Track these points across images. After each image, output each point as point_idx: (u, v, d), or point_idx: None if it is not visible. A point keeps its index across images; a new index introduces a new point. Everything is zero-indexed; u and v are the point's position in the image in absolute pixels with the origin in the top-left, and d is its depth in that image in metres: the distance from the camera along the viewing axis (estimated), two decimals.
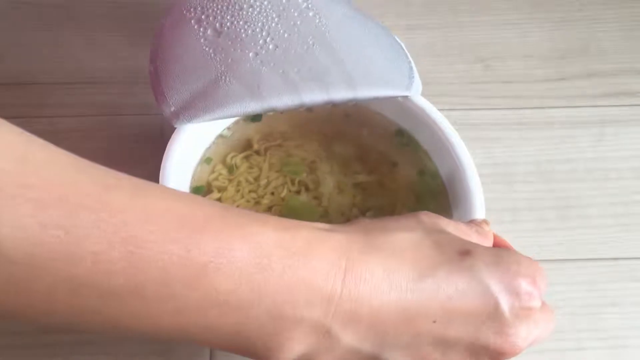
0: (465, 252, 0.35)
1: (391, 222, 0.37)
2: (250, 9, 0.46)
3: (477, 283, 0.34)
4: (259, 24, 0.45)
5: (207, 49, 0.45)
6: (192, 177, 0.49)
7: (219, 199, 0.48)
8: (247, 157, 0.50)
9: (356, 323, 0.33)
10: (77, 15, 0.64)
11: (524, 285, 0.35)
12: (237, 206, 0.48)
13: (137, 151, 0.55)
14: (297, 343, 0.33)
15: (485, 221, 0.43)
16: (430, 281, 0.34)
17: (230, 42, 0.45)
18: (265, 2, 0.46)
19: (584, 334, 0.49)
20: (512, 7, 0.66)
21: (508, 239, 0.50)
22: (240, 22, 0.46)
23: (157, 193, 0.32)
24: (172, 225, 0.31)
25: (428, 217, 0.38)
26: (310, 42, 0.46)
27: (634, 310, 0.50)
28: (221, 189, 0.48)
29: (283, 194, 0.48)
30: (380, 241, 0.35)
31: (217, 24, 0.46)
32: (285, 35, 0.46)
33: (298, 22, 0.46)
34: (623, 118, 0.59)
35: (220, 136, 0.50)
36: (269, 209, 0.48)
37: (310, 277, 0.32)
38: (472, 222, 0.42)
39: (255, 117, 0.51)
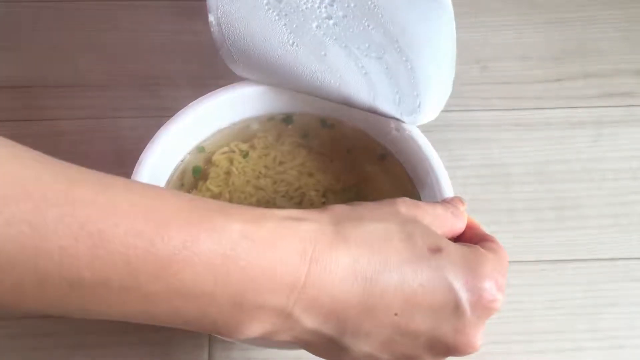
0: (435, 249, 0.36)
1: (366, 211, 0.37)
2: None
3: (442, 281, 0.35)
4: (317, 2, 0.47)
5: (270, 11, 0.47)
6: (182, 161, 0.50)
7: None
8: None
9: (317, 309, 0.34)
10: (75, 17, 0.64)
11: (488, 287, 0.36)
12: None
13: (137, 153, 0.55)
14: (258, 323, 0.34)
15: (459, 199, 0.43)
16: (395, 275, 0.35)
17: (292, 10, 0.47)
18: None
19: (582, 334, 0.50)
20: (509, 9, 0.66)
21: (506, 239, 0.50)
22: None
23: (121, 187, 0.33)
24: (137, 219, 0.31)
25: (406, 207, 0.38)
26: (366, 24, 0.47)
27: (632, 311, 0.51)
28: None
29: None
30: (350, 232, 0.35)
31: None
32: (341, 14, 0.47)
33: (352, 5, 0.47)
34: (620, 119, 0.59)
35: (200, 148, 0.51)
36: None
37: (274, 267, 0.33)
38: (447, 203, 0.42)
39: (287, 119, 0.52)
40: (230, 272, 0.32)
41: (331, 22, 0.47)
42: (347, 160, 0.50)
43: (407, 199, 0.39)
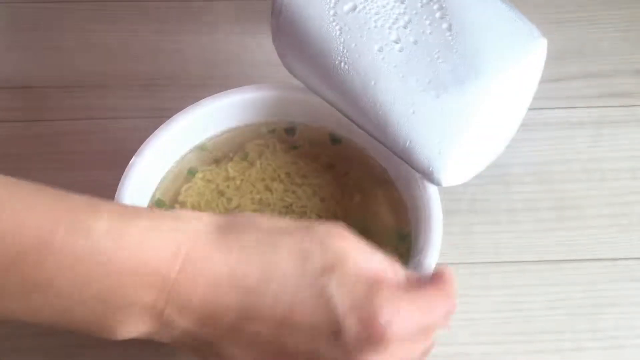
0: (328, 268, 0.33)
1: (271, 222, 0.36)
2: (385, 1, 0.44)
3: (324, 303, 0.33)
4: (390, 21, 0.44)
5: (334, 24, 0.44)
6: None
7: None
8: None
9: (190, 311, 0.34)
10: (75, 17, 0.64)
11: (382, 319, 0.32)
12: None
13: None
14: (132, 324, 0.34)
15: (449, 275, 0.36)
16: (275, 288, 0.33)
17: (358, 26, 0.44)
18: (400, 1, 0.44)
19: (582, 335, 0.49)
20: None
21: (506, 239, 0.51)
22: (372, 12, 0.44)
23: (25, 189, 0.33)
24: (2, 212, 0.31)
25: (327, 234, 0.35)
26: (436, 56, 0.43)
27: (633, 311, 0.50)
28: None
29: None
30: (235, 238, 0.34)
31: (352, 2, 0.44)
32: (412, 39, 0.43)
33: (428, 32, 0.44)
34: (620, 119, 0.59)
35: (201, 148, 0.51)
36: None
37: (139, 264, 0.33)
38: (438, 284, 0.35)
39: (336, 140, 0.51)
40: (92, 268, 0.32)
41: (397, 46, 0.43)
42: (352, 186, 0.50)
43: (340, 230, 0.36)
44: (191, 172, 0.50)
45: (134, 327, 0.34)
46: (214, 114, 0.50)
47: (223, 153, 0.51)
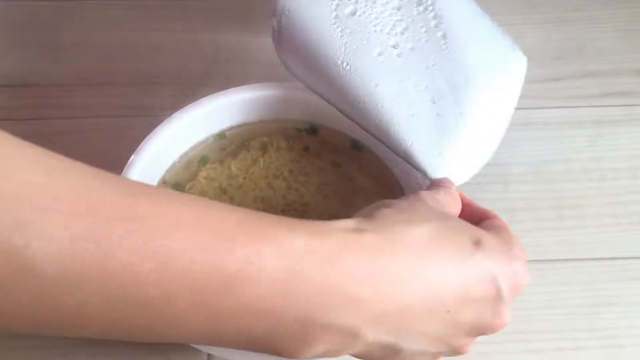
0: (476, 242, 0.36)
1: (407, 213, 0.37)
2: (383, 8, 0.46)
3: (487, 274, 0.36)
4: (388, 27, 0.45)
5: (335, 26, 0.45)
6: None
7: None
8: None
9: (384, 322, 0.34)
10: (75, 16, 0.64)
11: (520, 268, 0.38)
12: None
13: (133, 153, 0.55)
14: (323, 343, 0.33)
15: (448, 180, 0.44)
16: (450, 275, 0.35)
17: (359, 29, 0.45)
18: (397, 9, 0.46)
19: (581, 334, 0.50)
20: (508, 8, 0.66)
21: None
22: (372, 17, 0.45)
23: (181, 201, 0.32)
24: (201, 233, 0.30)
25: (432, 199, 0.40)
26: (431, 63, 0.45)
27: (632, 310, 0.51)
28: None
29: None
30: (405, 238, 0.35)
31: (352, 6, 0.46)
32: (409, 46, 0.45)
33: (424, 39, 0.45)
34: (619, 118, 0.59)
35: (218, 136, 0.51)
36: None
37: (341, 282, 0.33)
38: (439, 186, 0.42)
39: (357, 148, 0.51)
40: (296, 288, 0.32)
41: (396, 51, 0.45)
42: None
43: (421, 193, 0.40)
44: (200, 165, 0.50)
45: (322, 348, 0.34)
46: (221, 110, 0.50)
47: (226, 151, 0.51)
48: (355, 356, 0.36)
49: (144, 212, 0.30)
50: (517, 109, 0.59)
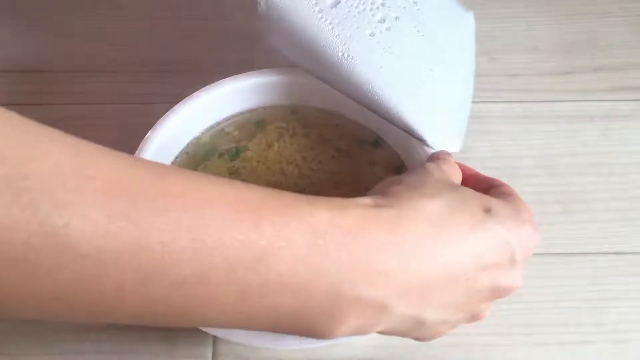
0: (487, 210, 0.37)
1: (419, 188, 0.38)
2: None
3: (500, 239, 0.37)
4: (368, 4, 0.46)
5: (323, 20, 0.46)
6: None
7: None
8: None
9: (408, 294, 0.35)
10: (86, 3, 0.64)
11: (530, 231, 0.39)
12: None
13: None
14: (354, 319, 0.34)
15: (445, 152, 0.45)
16: (466, 244, 0.36)
17: (344, 17, 0.46)
18: None
19: (586, 328, 0.49)
20: (519, 1, 0.66)
21: None
22: (351, 0, 0.46)
23: (208, 180, 0.33)
24: (230, 210, 0.31)
25: (438, 171, 0.40)
26: (416, 29, 0.46)
27: (638, 305, 0.51)
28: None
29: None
30: (422, 212, 0.36)
31: None
32: (394, 15, 0.46)
33: (402, 6, 0.47)
34: (629, 113, 0.59)
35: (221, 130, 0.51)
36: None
37: (366, 256, 0.33)
38: (438, 158, 0.43)
39: (373, 140, 0.51)
40: (322, 262, 0.32)
41: (385, 25, 0.46)
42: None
43: (426, 164, 0.41)
44: (210, 151, 0.50)
45: (354, 324, 0.34)
46: (239, 93, 0.51)
47: (243, 133, 0.51)
48: (383, 332, 0.36)
49: (175, 191, 0.30)
50: (525, 102, 0.59)
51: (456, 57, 0.49)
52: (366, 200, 0.36)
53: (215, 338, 0.48)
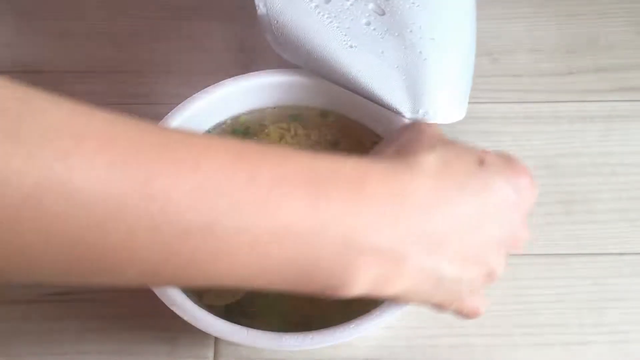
0: (481, 162, 0.38)
1: (412, 145, 0.39)
2: None
3: (497, 185, 0.38)
4: None
5: (321, 15, 0.46)
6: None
7: None
8: None
9: (420, 241, 0.35)
10: (87, 3, 0.64)
11: (527, 181, 0.39)
12: None
13: None
14: (370, 269, 0.34)
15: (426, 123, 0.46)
16: (466, 193, 0.37)
17: (340, 10, 0.46)
18: None
19: (588, 329, 0.49)
20: (520, 1, 0.65)
21: None
22: None
23: (204, 135, 0.34)
24: (230, 157, 0.31)
25: (428, 127, 0.42)
26: (412, 2, 0.47)
27: (638, 305, 0.51)
28: None
29: None
30: (419, 166, 0.36)
31: None
32: None
33: None
34: (631, 113, 0.59)
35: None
36: None
37: (373, 203, 0.33)
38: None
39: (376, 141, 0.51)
40: (330, 208, 0.32)
41: (378, 11, 0.46)
42: None
43: (413, 122, 0.43)
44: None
45: (369, 276, 0.34)
46: (241, 93, 0.51)
47: (244, 134, 0.51)
48: (403, 298, 0.37)
49: (174, 141, 0.30)
50: (528, 102, 0.60)
51: (456, 19, 0.49)
52: (361, 158, 0.36)
53: (216, 339, 0.48)
